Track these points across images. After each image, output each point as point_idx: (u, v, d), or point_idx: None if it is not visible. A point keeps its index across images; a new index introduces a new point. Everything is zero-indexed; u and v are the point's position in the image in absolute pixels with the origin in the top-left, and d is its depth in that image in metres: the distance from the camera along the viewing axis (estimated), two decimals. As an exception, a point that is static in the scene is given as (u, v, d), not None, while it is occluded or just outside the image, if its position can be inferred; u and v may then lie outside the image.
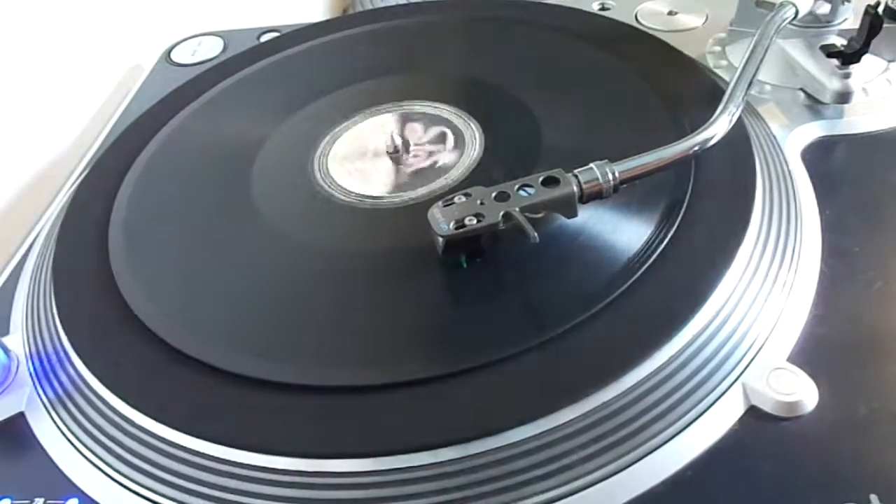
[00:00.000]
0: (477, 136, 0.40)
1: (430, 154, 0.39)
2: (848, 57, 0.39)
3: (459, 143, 0.40)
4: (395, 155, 0.40)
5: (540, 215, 0.31)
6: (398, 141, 0.40)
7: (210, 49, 0.57)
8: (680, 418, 0.27)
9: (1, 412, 0.32)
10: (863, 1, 0.38)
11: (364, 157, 0.40)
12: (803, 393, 0.28)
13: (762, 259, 0.31)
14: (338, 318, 0.32)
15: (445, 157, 0.39)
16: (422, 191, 0.37)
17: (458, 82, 0.45)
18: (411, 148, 0.40)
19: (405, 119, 0.42)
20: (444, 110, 0.42)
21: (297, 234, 0.36)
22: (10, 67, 0.48)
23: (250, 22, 0.59)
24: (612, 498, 0.26)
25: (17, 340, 0.35)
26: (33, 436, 0.31)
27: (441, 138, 0.40)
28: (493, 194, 0.31)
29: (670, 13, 0.51)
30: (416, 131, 0.41)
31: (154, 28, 0.60)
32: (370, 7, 0.65)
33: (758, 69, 0.38)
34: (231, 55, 0.53)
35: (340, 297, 0.33)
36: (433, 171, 0.38)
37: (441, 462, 0.26)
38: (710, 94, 0.39)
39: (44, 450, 0.31)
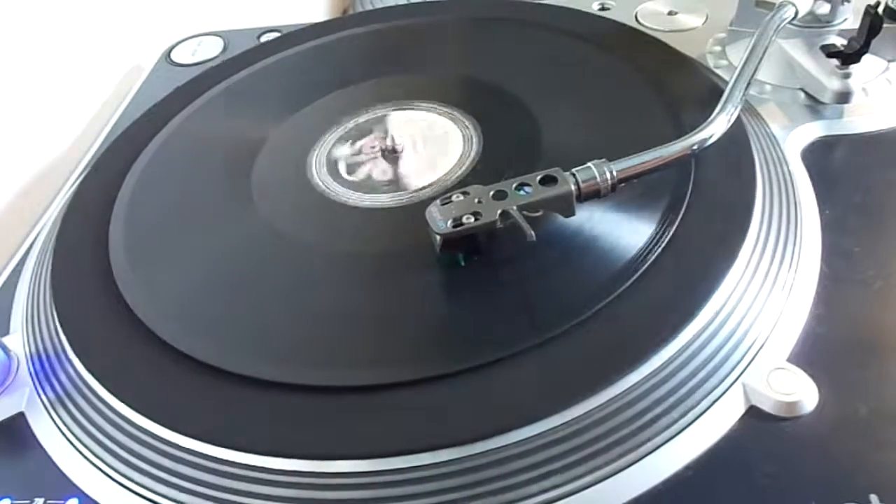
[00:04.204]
0: (476, 135, 0.40)
1: (430, 154, 0.39)
2: (848, 57, 0.39)
3: (458, 142, 0.40)
4: (395, 154, 0.40)
5: (538, 214, 0.31)
6: (398, 140, 0.40)
7: (210, 49, 0.57)
8: (680, 418, 0.27)
9: (1, 412, 0.32)
10: (863, 1, 0.38)
11: (363, 157, 0.40)
12: (803, 393, 0.28)
13: (762, 259, 0.31)
14: (337, 318, 0.32)
15: (444, 156, 0.39)
16: (420, 190, 0.37)
17: (458, 82, 0.45)
18: (410, 147, 0.40)
19: (404, 119, 0.42)
20: (444, 110, 0.42)
21: (296, 234, 0.36)
22: (11, 67, 0.48)
23: (250, 22, 0.59)
24: (612, 498, 0.26)
25: (17, 340, 0.35)
26: (33, 436, 0.31)
27: (440, 138, 0.40)
28: (491, 193, 0.31)
29: (670, 13, 0.51)
30: (415, 131, 0.41)
31: (154, 28, 0.60)
32: (370, 7, 0.65)
33: (757, 69, 0.38)
34: (231, 55, 0.53)
35: (339, 297, 0.33)
36: (432, 171, 0.38)
37: (441, 462, 0.26)
38: (709, 93, 0.39)
39: (44, 450, 0.31)
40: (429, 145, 0.40)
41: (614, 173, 0.31)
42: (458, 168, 0.38)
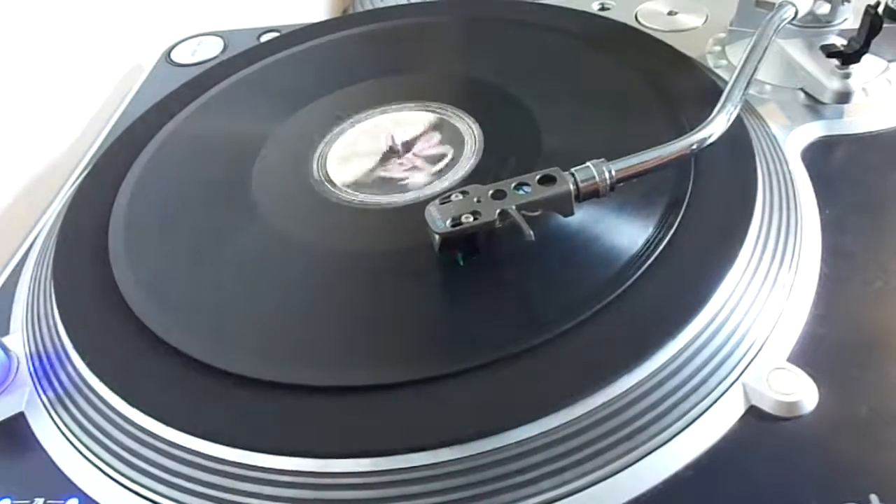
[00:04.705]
0: (476, 135, 0.40)
1: (430, 154, 0.39)
2: (848, 57, 0.39)
3: (459, 143, 0.40)
4: (395, 155, 0.40)
5: (537, 213, 0.31)
6: (397, 141, 0.40)
7: (210, 49, 0.57)
8: (680, 418, 0.27)
9: (1, 412, 0.32)
10: (863, 1, 0.38)
11: (363, 157, 0.40)
12: (803, 393, 0.28)
13: (762, 259, 0.31)
14: (337, 319, 0.32)
15: (444, 156, 0.39)
16: (421, 191, 0.37)
17: (458, 82, 0.45)
18: (410, 148, 0.40)
19: (405, 119, 0.42)
20: (444, 110, 0.42)
21: (296, 234, 0.36)
22: (11, 67, 0.48)
23: (250, 22, 0.59)
24: (613, 498, 0.26)
25: (17, 340, 0.35)
26: (33, 436, 0.31)
27: (440, 138, 0.40)
28: (490, 192, 0.31)
29: (670, 13, 0.51)
30: (415, 131, 0.41)
31: (154, 28, 0.60)
32: (370, 7, 0.65)
33: (756, 68, 0.38)
34: (231, 55, 0.53)
35: (339, 297, 0.33)
36: (432, 171, 0.38)
37: (441, 462, 0.26)
38: (709, 93, 0.39)
39: (44, 450, 0.31)
40: (429, 146, 0.40)
41: (613, 173, 0.31)
42: (459, 169, 0.38)
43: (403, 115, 0.43)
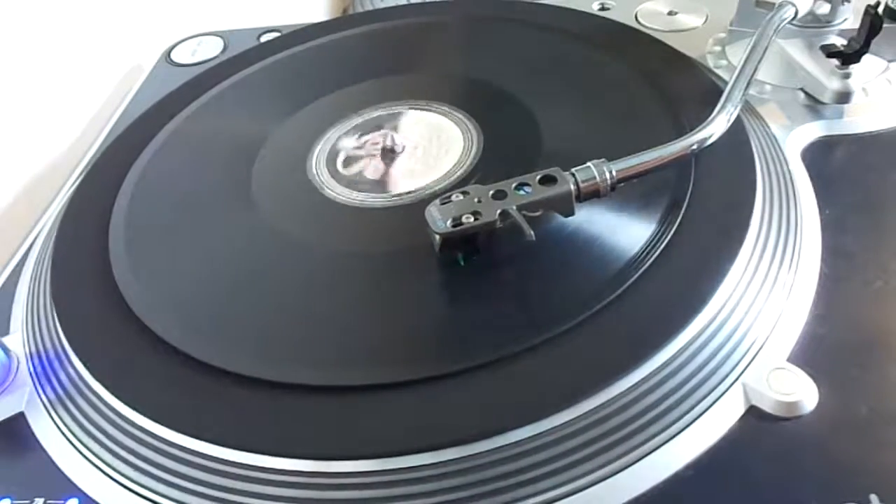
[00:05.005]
0: (476, 135, 0.40)
1: (429, 153, 0.39)
2: (848, 57, 0.39)
3: (458, 143, 0.40)
4: (395, 155, 0.40)
5: (538, 213, 0.31)
6: (397, 141, 0.40)
7: (210, 49, 0.57)
8: (680, 418, 0.27)
9: (1, 412, 0.32)
10: (863, 1, 0.39)
11: (363, 157, 0.40)
12: (803, 393, 0.28)
13: (762, 259, 0.31)
14: (337, 319, 0.32)
15: (444, 157, 0.39)
16: (420, 191, 0.37)
17: (458, 82, 0.45)
18: (410, 148, 0.40)
19: (404, 119, 0.42)
20: (444, 110, 0.42)
21: (296, 234, 0.36)
22: (11, 67, 0.48)
23: (250, 22, 0.59)
24: (613, 498, 0.26)
25: (17, 340, 0.35)
26: (33, 436, 0.31)
27: (440, 138, 0.40)
28: (491, 192, 0.31)
29: (670, 13, 0.51)
30: (415, 131, 0.41)
31: (154, 28, 0.60)
32: (370, 7, 0.65)
33: (756, 69, 0.38)
34: (231, 55, 0.53)
35: (340, 298, 0.33)
36: (432, 171, 0.38)
37: (441, 462, 0.26)
38: (709, 93, 0.39)
39: (44, 450, 0.31)
40: (429, 145, 0.40)
41: (614, 173, 0.31)
42: (458, 168, 0.38)
43: (403, 115, 0.43)
